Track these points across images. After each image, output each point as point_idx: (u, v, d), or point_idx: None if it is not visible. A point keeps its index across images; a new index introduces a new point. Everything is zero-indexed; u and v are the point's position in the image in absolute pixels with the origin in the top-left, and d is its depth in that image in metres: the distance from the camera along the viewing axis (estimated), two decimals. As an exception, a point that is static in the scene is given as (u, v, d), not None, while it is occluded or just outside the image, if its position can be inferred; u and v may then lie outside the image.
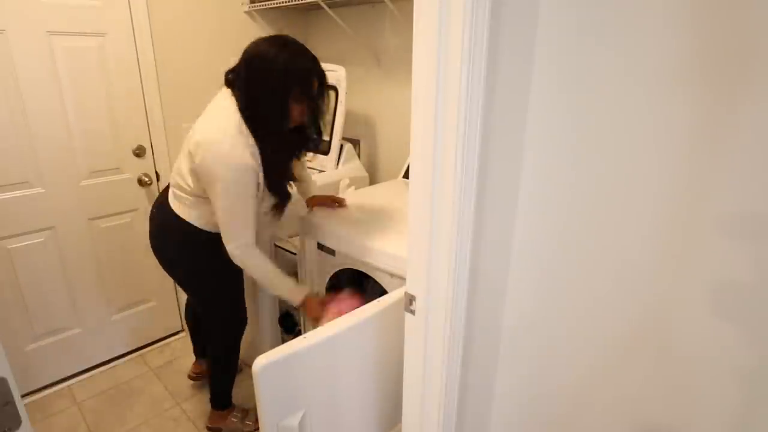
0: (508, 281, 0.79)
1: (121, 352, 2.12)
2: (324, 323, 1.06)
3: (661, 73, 0.57)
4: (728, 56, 0.52)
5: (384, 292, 1.25)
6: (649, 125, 0.59)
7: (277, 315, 1.89)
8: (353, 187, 1.86)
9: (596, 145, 0.64)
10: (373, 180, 2.18)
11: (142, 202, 2.02)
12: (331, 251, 1.48)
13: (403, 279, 0.85)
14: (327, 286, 1.59)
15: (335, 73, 1.93)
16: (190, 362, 1.99)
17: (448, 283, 0.74)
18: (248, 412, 1.73)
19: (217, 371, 1.66)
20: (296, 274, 1.73)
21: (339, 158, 1.99)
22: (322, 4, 1.90)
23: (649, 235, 0.62)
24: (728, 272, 0.56)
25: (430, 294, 0.77)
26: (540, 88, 0.67)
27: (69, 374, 1.98)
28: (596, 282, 0.69)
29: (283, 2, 1.96)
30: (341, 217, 1.52)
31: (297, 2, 1.92)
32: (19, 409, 0.54)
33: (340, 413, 1.04)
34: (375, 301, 1.05)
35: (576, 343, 0.74)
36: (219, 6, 2.07)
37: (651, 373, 0.67)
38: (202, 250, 1.38)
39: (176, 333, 2.30)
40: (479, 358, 0.84)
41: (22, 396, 1.85)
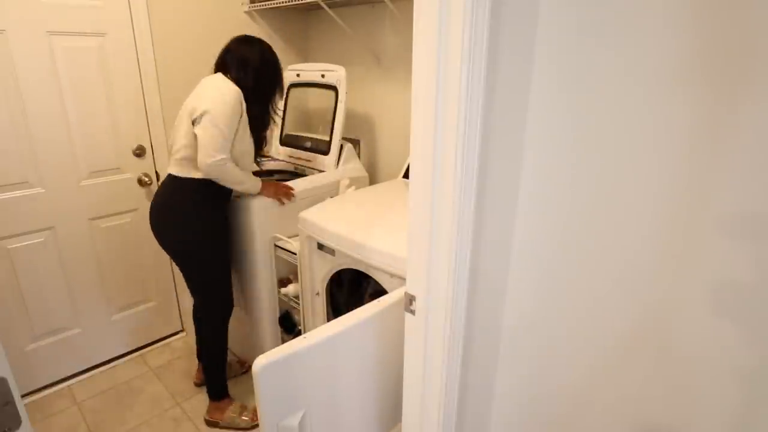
0: (508, 281, 0.79)
1: (121, 352, 2.12)
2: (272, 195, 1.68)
3: (661, 73, 0.57)
4: (728, 56, 0.52)
5: (384, 292, 1.25)
6: (649, 125, 0.59)
7: (277, 315, 1.89)
8: (353, 187, 1.86)
9: (596, 145, 0.64)
10: (373, 180, 2.18)
11: (142, 202, 2.02)
12: (331, 251, 1.48)
13: (403, 279, 0.85)
14: (327, 286, 1.59)
15: (335, 73, 1.93)
16: (191, 362, 1.99)
17: (448, 283, 0.74)
18: (246, 407, 1.79)
19: (209, 360, 1.74)
20: (296, 274, 1.73)
21: (339, 158, 1.99)
22: (322, 4, 1.90)
23: (649, 235, 0.62)
24: (728, 272, 0.56)
25: (430, 294, 0.77)
26: (540, 87, 0.67)
27: (69, 374, 1.98)
28: (596, 282, 0.69)
29: (283, 2, 1.96)
30: (341, 217, 1.52)
31: (297, 2, 1.92)
32: (19, 409, 0.54)
33: (340, 413, 1.04)
34: (375, 301, 1.05)
35: (576, 343, 0.74)
36: (219, 6, 2.07)
37: (651, 373, 0.67)
38: (209, 208, 1.60)
39: (176, 333, 2.30)
40: (479, 358, 0.84)
41: (22, 396, 1.85)
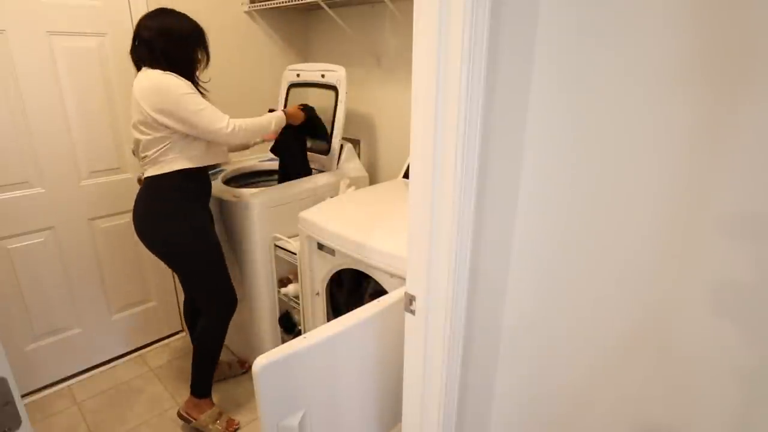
0: (508, 281, 0.79)
1: (121, 352, 2.12)
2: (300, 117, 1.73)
3: (661, 73, 0.57)
4: (728, 56, 0.52)
5: (384, 292, 1.25)
6: (649, 125, 0.59)
7: (277, 315, 1.89)
8: (353, 187, 1.86)
9: (596, 145, 0.64)
10: (373, 180, 2.18)
11: (142, 202, 2.02)
12: (331, 251, 1.48)
13: (403, 279, 0.85)
14: (327, 286, 1.59)
15: (335, 73, 1.93)
16: (191, 362, 1.99)
17: (448, 283, 0.74)
18: (222, 415, 1.73)
19: (201, 355, 1.69)
20: (296, 275, 1.73)
21: (339, 158, 1.99)
22: (322, 4, 1.90)
23: (650, 235, 0.62)
24: (728, 272, 0.56)
25: (430, 294, 0.77)
26: (540, 87, 0.67)
27: (69, 374, 1.98)
28: (596, 282, 0.69)
29: (283, 2, 1.96)
30: (341, 217, 1.52)
31: (297, 2, 1.92)
32: (19, 409, 0.54)
33: (340, 413, 1.04)
34: (375, 301, 1.05)
35: (576, 343, 0.74)
36: (219, 6, 2.07)
37: (651, 373, 0.67)
38: (191, 205, 1.54)
39: (176, 333, 2.30)
40: (479, 358, 0.84)
41: (22, 396, 1.85)
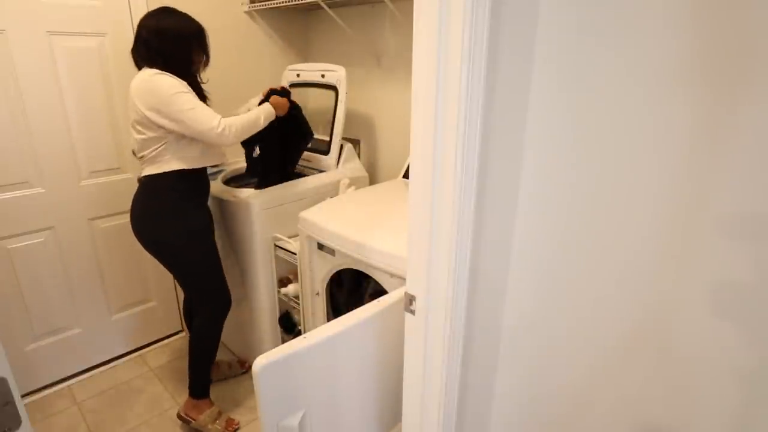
0: (508, 281, 0.79)
1: (121, 352, 2.12)
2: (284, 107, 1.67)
3: (661, 74, 0.57)
4: (728, 56, 0.52)
5: (384, 292, 1.25)
6: (649, 125, 0.59)
7: (277, 315, 1.89)
8: (353, 187, 1.86)
9: (596, 145, 0.64)
10: (373, 180, 2.18)
11: (142, 202, 2.01)
12: (331, 251, 1.48)
13: (403, 279, 0.85)
14: (327, 286, 1.59)
15: (335, 73, 1.93)
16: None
17: (448, 283, 0.74)
18: (221, 415, 1.73)
19: (196, 355, 1.68)
20: (296, 275, 1.73)
21: (339, 158, 1.99)
22: (322, 4, 1.90)
23: (649, 235, 0.62)
24: (728, 273, 0.56)
25: (430, 294, 0.77)
26: (540, 87, 0.67)
27: (69, 374, 1.98)
28: (596, 282, 0.69)
29: (283, 2, 1.96)
30: (341, 217, 1.52)
31: (297, 2, 1.92)
32: (19, 409, 0.54)
33: (340, 413, 1.04)
34: (375, 301, 1.05)
35: (576, 343, 0.74)
36: (219, 6, 2.06)
37: (651, 374, 0.67)
38: (189, 206, 1.54)
39: (176, 333, 2.30)
40: (479, 358, 0.84)
41: (22, 396, 1.85)
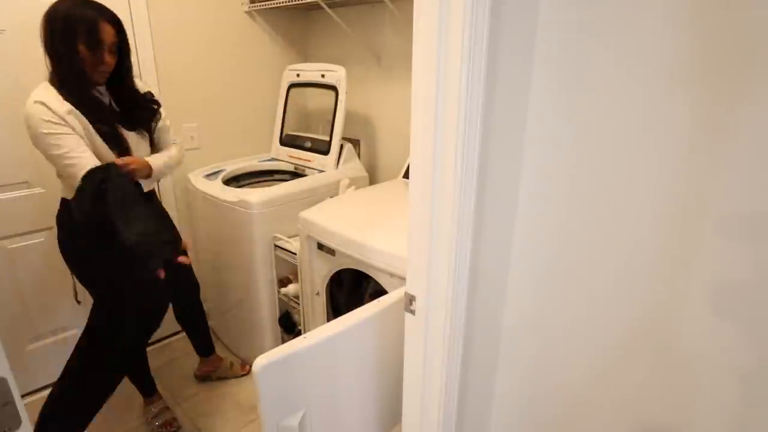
0: (508, 281, 0.79)
1: (121, 352, 2.12)
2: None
3: (660, 73, 0.57)
4: (728, 56, 0.52)
5: (384, 292, 1.25)
6: (649, 125, 0.59)
7: (277, 315, 1.89)
8: (353, 187, 1.86)
9: (596, 145, 0.64)
10: (373, 180, 2.18)
11: (142, 202, 2.01)
12: (331, 251, 1.48)
13: (403, 279, 0.85)
14: (327, 286, 1.59)
15: (335, 73, 1.93)
16: (190, 362, 1.99)
17: (448, 283, 0.74)
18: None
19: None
20: (296, 275, 1.73)
21: (339, 158, 1.99)
22: (322, 4, 1.90)
23: (649, 235, 0.62)
24: (727, 272, 0.56)
25: (430, 294, 0.77)
26: (540, 87, 0.67)
27: (69, 374, 1.98)
28: (596, 282, 0.69)
29: (283, 2, 1.96)
30: (341, 217, 1.52)
31: (297, 2, 1.92)
32: (19, 409, 0.54)
33: (340, 413, 1.04)
34: (375, 301, 1.05)
35: (576, 343, 0.74)
36: (219, 6, 2.07)
37: (650, 374, 0.67)
38: (71, 231, 1.43)
39: (176, 333, 2.29)
40: (479, 358, 0.84)
41: (22, 396, 1.85)
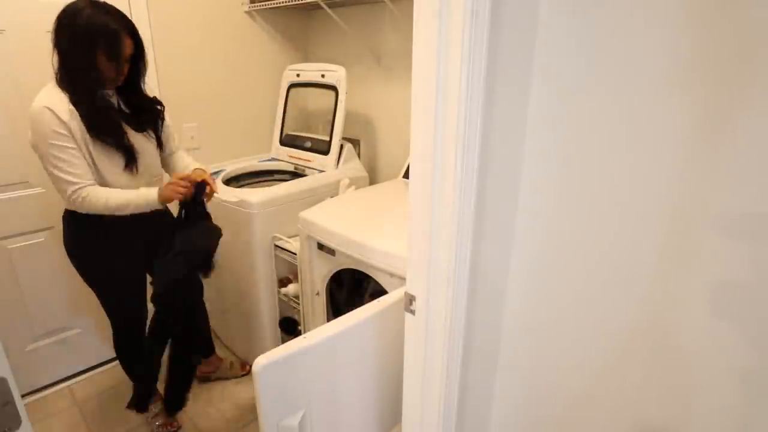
0: (508, 281, 0.79)
1: (121, 352, 2.12)
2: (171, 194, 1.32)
3: (660, 74, 0.57)
4: (726, 58, 0.52)
5: (384, 292, 1.25)
6: (648, 126, 0.59)
7: (278, 315, 1.89)
8: (353, 187, 1.86)
9: (596, 146, 0.64)
10: (373, 180, 2.18)
11: (142, 202, 2.01)
12: (331, 251, 1.48)
13: (403, 279, 0.85)
14: (327, 286, 1.59)
15: (335, 73, 1.93)
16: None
17: (448, 283, 0.74)
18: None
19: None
20: (296, 275, 1.73)
21: (339, 158, 1.99)
22: (322, 4, 1.90)
23: (649, 235, 0.62)
24: (727, 272, 0.56)
25: (430, 294, 0.77)
26: (540, 87, 0.67)
27: (69, 374, 1.98)
28: (596, 282, 0.69)
29: (283, 2, 1.96)
30: (341, 217, 1.52)
31: (297, 2, 1.92)
32: (19, 409, 0.54)
33: (340, 413, 1.04)
34: (375, 301, 1.05)
35: (576, 343, 0.74)
36: (219, 6, 2.07)
37: (650, 374, 0.67)
38: (80, 237, 1.43)
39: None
40: (479, 359, 0.84)
41: (22, 396, 1.85)
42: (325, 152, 2.00)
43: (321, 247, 1.52)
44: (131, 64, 1.33)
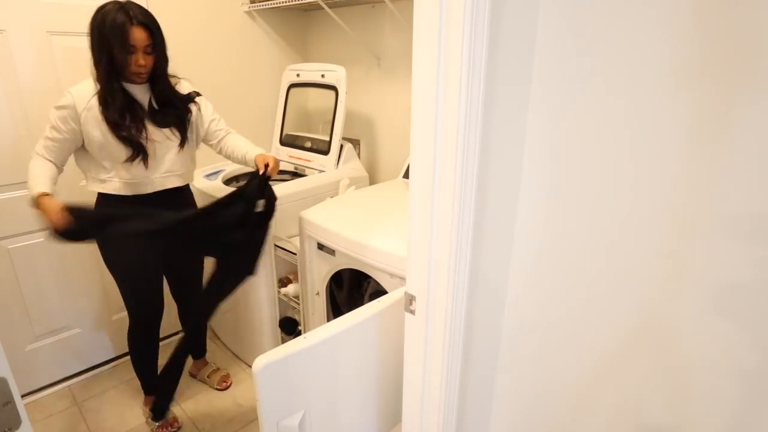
0: (508, 281, 0.79)
1: (121, 352, 2.12)
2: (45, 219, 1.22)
3: (661, 74, 0.57)
4: (728, 57, 0.52)
5: (384, 292, 1.25)
6: (649, 126, 0.59)
7: (278, 315, 1.89)
8: (353, 187, 1.86)
9: (596, 147, 0.64)
10: (373, 180, 2.18)
11: (142, 202, 2.01)
12: (331, 251, 1.48)
13: (403, 279, 0.85)
14: (327, 286, 1.59)
15: (335, 73, 1.93)
16: (190, 362, 1.99)
17: (448, 283, 0.74)
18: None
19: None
20: (296, 275, 1.73)
21: (339, 158, 1.99)
22: (322, 4, 1.90)
23: (649, 236, 0.62)
24: (728, 273, 0.56)
25: (430, 294, 0.77)
26: (540, 88, 0.67)
27: (69, 374, 1.98)
28: (596, 283, 0.69)
29: (283, 2, 1.96)
30: (341, 217, 1.52)
31: (297, 2, 1.92)
32: (19, 409, 0.54)
33: (340, 413, 1.04)
34: (375, 301, 1.05)
35: (576, 343, 0.74)
36: (219, 6, 2.07)
37: (651, 374, 0.67)
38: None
39: (176, 333, 2.29)
40: (479, 358, 0.84)
41: (22, 396, 1.85)
42: (325, 152, 2.00)
43: (321, 247, 1.52)
44: (155, 56, 1.36)
